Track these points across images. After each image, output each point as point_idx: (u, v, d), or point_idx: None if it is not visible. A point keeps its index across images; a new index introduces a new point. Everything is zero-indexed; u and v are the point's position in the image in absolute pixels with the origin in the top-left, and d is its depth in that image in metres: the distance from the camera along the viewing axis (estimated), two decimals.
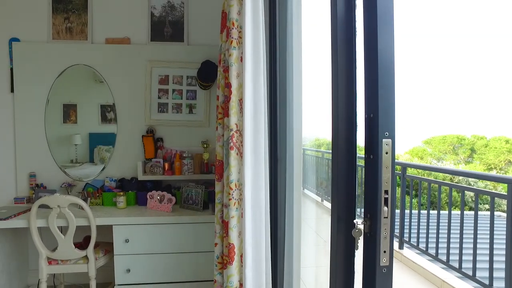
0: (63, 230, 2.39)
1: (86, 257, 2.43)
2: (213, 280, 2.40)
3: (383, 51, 0.86)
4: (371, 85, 0.89)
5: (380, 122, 0.86)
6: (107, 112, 3.05)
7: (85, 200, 2.75)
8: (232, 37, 1.71)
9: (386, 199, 0.87)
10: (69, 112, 3.04)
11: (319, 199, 5.78)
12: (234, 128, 1.66)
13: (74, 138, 3.07)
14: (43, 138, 2.99)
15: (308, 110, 2.10)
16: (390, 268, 0.86)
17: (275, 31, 1.96)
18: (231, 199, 1.67)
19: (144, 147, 2.94)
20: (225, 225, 1.79)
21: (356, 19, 1.01)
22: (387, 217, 0.87)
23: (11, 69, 2.94)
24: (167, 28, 3.03)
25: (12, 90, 2.94)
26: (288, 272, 1.96)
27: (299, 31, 1.92)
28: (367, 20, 0.90)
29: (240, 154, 1.69)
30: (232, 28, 1.72)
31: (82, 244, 2.51)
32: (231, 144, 1.66)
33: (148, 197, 2.68)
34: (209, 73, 2.82)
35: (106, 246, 2.64)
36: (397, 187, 2.46)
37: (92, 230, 2.40)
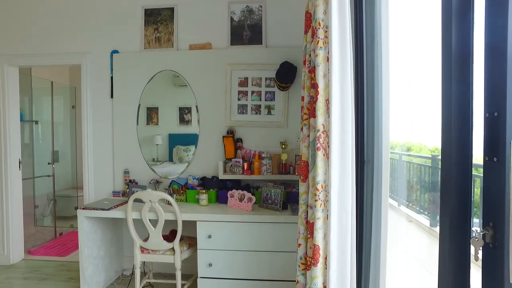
0: (152, 223, 2.60)
1: (172, 249, 2.62)
2: (294, 281, 2.42)
3: None
4: (496, 80, 0.81)
5: (508, 121, 0.78)
6: (184, 114, 3.25)
7: (171, 196, 2.96)
8: (319, 37, 1.70)
9: None
10: (151, 114, 3.31)
11: (395, 203, 5.45)
12: (321, 128, 1.65)
13: (156, 139, 3.34)
14: (135, 138, 3.30)
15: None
16: None
17: (362, 29, 1.90)
18: (317, 200, 1.66)
19: (224, 147, 3.07)
20: (309, 226, 1.78)
21: (473, 8, 0.93)
22: None
23: (111, 78, 3.31)
24: (246, 31, 3.13)
25: (112, 96, 3.31)
26: (374, 279, 1.88)
27: (387, 27, 1.83)
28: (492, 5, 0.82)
29: (327, 155, 1.67)
30: (318, 28, 1.71)
31: (168, 237, 2.70)
32: (318, 145, 1.65)
33: (228, 195, 2.78)
34: (288, 74, 2.84)
35: (189, 240, 2.80)
36: None
37: (178, 225, 2.57)
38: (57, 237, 4.41)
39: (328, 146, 1.65)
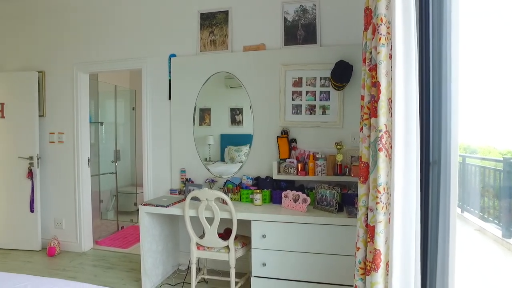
0: (207, 220, 2.66)
1: (227, 247, 2.67)
2: (349, 285, 2.36)
3: None
4: None
5: None
6: (236, 115, 3.31)
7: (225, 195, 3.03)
8: (380, 34, 1.63)
9: None
10: (204, 115, 3.42)
11: (458, 210, 5.06)
12: (383, 129, 1.58)
13: (208, 139, 3.44)
14: (191, 138, 3.42)
15: None
16: None
17: (428, 22, 1.79)
18: (378, 202, 1.59)
19: (278, 148, 3.07)
20: (369, 230, 1.71)
21: None
22: None
23: (169, 80, 3.48)
24: (299, 31, 3.10)
25: (169, 98, 3.48)
26: None
27: (457, 20, 1.70)
28: None
29: (389, 156, 1.60)
30: (380, 24, 1.64)
31: (223, 235, 2.76)
32: (380, 145, 1.59)
33: (282, 196, 2.78)
34: (343, 73, 2.77)
35: (243, 239, 2.84)
36: None
37: (233, 223, 2.61)
38: (119, 230, 4.73)
39: (391, 147, 1.58)
